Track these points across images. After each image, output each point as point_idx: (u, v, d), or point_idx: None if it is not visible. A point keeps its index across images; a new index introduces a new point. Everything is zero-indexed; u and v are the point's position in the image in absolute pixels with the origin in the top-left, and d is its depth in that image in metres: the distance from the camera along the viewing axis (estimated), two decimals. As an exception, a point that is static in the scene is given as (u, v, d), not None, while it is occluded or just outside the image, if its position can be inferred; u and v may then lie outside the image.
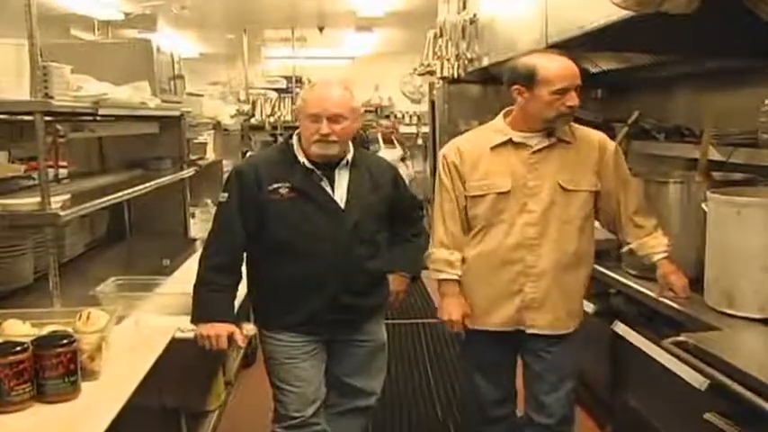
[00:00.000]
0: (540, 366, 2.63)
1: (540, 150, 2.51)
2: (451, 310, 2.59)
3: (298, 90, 9.39)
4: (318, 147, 2.47)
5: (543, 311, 2.54)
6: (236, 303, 2.62)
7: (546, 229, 2.49)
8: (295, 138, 2.59)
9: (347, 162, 2.57)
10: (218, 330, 2.45)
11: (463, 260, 2.61)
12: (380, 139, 8.45)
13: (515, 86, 2.49)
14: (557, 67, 2.44)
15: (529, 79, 2.45)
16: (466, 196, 2.58)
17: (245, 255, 2.61)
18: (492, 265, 2.55)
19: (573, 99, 2.44)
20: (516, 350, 2.71)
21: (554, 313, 2.55)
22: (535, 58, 2.50)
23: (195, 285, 2.53)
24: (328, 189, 2.53)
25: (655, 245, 2.60)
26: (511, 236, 2.51)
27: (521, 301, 2.54)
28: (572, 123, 2.57)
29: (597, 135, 2.63)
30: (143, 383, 2.09)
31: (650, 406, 2.86)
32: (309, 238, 2.50)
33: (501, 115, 2.62)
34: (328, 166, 2.54)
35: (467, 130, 2.81)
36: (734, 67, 3.29)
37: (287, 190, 2.50)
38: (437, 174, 2.68)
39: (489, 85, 6.02)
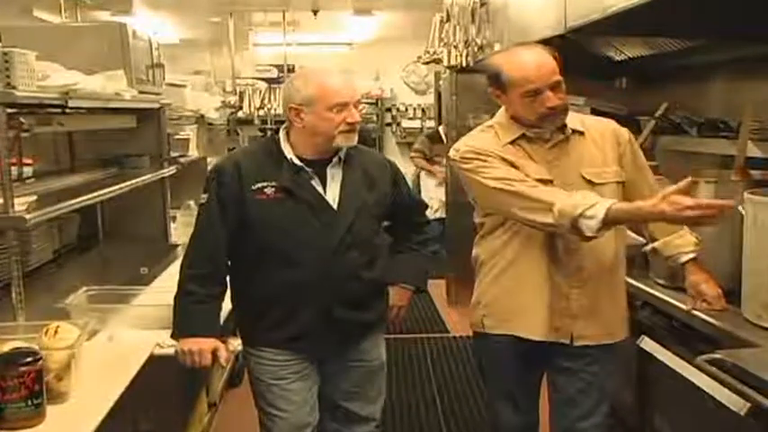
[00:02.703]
0: (576, 388, 2.60)
1: (557, 144, 2.49)
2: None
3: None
4: (345, 138, 2.50)
5: (592, 320, 2.52)
6: (222, 316, 2.61)
7: None
8: (282, 133, 2.58)
9: (340, 158, 2.56)
10: (200, 346, 2.45)
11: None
12: None
13: (490, 89, 2.49)
14: (522, 68, 2.39)
15: (498, 82, 2.44)
16: None
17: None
18: (531, 267, 2.51)
19: (550, 100, 2.37)
20: (543, 370, 2.70)
21: (604, 320, 2.53)
22: (500, 57, 2.50)
23: (176, 296, 2.52)
24: (319, 188, 2.52)
25: (681, 244, 2.58)
26: (549, 235, 2.46)
27: (566, 308, 2.51)
28: (578, 114, 2.55)
29: (607, 123, 2.62)
30: (117, 406, 2.08)
31: None
32: (298, 242, 2.49)
33: (503, 110, 2.58)
34: (319, 164, 2.53)
35: (477, 125, 2.78)
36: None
37: (273, 190, 2.48)
38: (462, 175, 2.56)
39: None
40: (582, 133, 2.52)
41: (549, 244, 2.48)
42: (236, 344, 2.59)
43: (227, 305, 2.63)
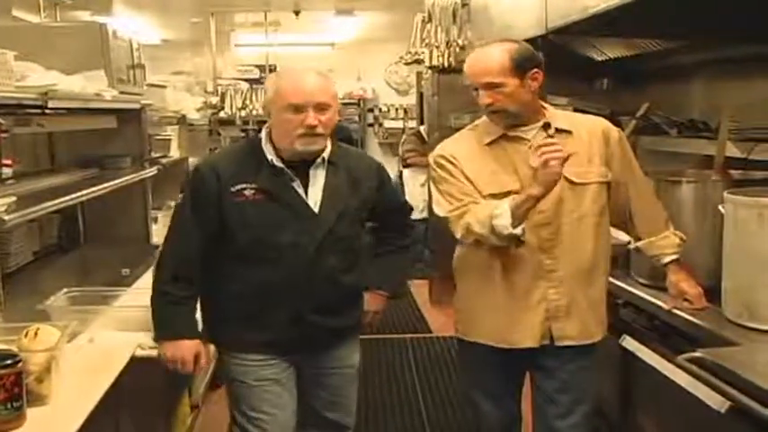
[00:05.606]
0: (553, 387, 2.61)
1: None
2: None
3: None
4: (304, 142, 2.40)
5: (571, 319, 2.52)
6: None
7: (559, 228, 2.47)
8: (264, 133, 2.52)
9: (323, 160, 2.51)
10: (183, 352, 2.44)
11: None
12: None
13: None
14: (466, 64, 2.51)
15: None
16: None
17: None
18: (507, 272, 2.51)
19: (480, 98, 2.47)
20: (524, 368, 2.70)
21: (582, 320, 2.54)
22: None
23: (152, 298, 2.50)
24: (300, 191, 2.47)
25: (665, 245, 2.61)
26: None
27: (545, 310, 2.51)
28: (570, 112, 2.56)
29: (599, 121, 2.64)
30: (98, 408, 2.07)
31: (665, 430, 2.86)
32: (277, 245, 2.44)
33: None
34: (301, 165, 2.48)
35: (458, 125, 2.79)
36: (755, 54, 3.29)
37: (252, 192, 2.43)
38: (432, 187, 2.61)
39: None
40: (569, 132, 2.52)
41: (517, 249, 2.46)
42: (218, 347, 2.58)
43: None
